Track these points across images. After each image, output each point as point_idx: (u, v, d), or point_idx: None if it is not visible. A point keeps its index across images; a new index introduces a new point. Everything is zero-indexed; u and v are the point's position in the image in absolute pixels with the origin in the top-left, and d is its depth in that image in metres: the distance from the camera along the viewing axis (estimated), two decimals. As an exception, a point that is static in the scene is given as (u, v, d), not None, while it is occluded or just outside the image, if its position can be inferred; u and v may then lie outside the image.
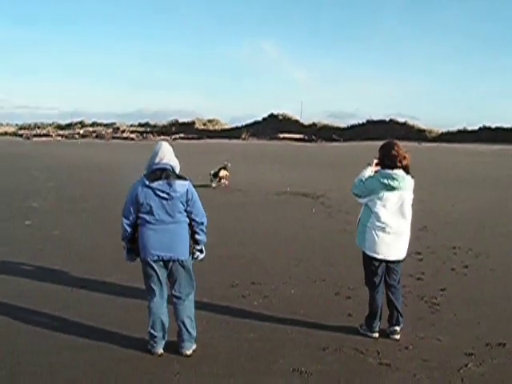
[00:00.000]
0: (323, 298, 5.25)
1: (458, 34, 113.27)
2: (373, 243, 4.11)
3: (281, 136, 46.43)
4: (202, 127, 55.20)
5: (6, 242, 7.52)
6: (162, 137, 46.93)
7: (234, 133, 50.56)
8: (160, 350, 3.90)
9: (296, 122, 52.22)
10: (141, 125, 61.23)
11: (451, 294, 5.38)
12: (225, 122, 57.59)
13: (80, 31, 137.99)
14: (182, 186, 3.75)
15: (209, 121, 57.58)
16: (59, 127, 62.41)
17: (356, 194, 4.22)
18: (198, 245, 3.96)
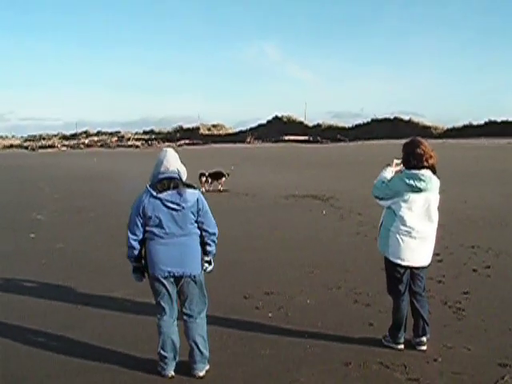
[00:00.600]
0: (341, 307, 4.98)
1: (462, 30, 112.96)
2: (397, 249, 3.83)
3: (286, 138, 46.37)
4: (207, 132, 55.41)
5: (10, 257, 7.36)
6: (168, 143, 47.01)
7: (239, 137, 50.66)
8: (171, 372, 3.63)
9: (300, 124, 52.31)
10: (145, 132, 61.60)
11: (476, 298, 5.10)
12: (229, 127, 57.78)
13: (82, 41, 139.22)
14: (193, 195, 3.50)
15: (213, 126, 57.80)
16: (64, 137, 62.95)
17: (377, 197, 3.95)
18: (207, 256, 3.71)
